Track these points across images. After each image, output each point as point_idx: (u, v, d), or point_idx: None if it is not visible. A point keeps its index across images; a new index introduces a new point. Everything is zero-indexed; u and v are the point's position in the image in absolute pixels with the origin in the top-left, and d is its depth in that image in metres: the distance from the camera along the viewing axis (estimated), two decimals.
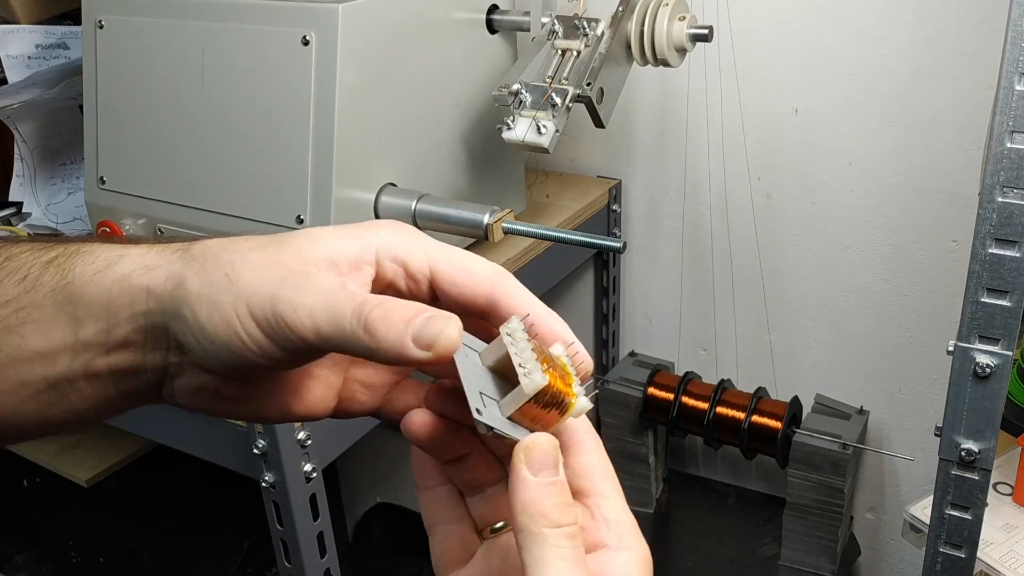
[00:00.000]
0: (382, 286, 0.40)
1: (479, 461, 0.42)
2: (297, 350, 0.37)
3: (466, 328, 0.37)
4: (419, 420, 0.40)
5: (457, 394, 0.38)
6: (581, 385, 0.38)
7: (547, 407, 0.36)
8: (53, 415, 0.42)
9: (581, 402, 0.37)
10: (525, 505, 0.35)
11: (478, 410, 0.35)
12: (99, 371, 0.41)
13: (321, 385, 0.43)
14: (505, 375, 0.38)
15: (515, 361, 0.36)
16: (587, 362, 0.41)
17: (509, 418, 0.36)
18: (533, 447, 0.36)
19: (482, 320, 0.41)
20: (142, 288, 0.39)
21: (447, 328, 0.35)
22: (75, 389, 0.41)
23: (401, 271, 0.40)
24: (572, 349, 0.40)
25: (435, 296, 0.41)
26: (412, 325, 0.35)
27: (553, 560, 0.34)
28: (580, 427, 0.40)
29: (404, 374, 0.45)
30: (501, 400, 0.37)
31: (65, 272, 0.41)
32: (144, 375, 0.41)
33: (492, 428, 0.35)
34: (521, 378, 0.35)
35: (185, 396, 0.42)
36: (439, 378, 0.42)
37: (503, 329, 0.37)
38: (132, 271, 0.40)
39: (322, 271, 0.38)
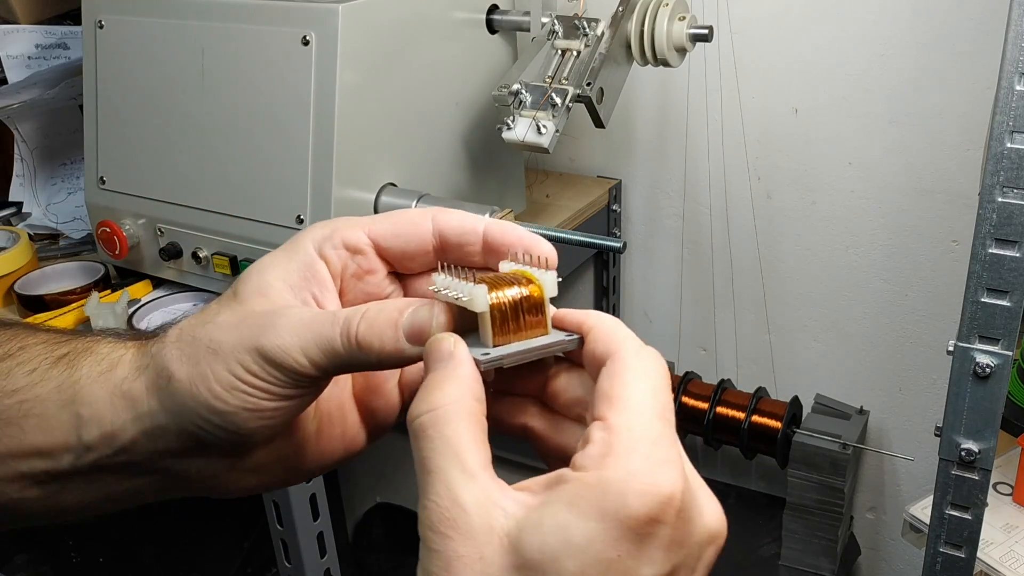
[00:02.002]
0: (340, 276, 0.40)
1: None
2: (302, 384, 0.37)
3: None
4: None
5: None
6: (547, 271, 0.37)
7: (519, 314, 0.35)
8: (59, 504, 0.42)
9: (547, 283, 0.36)
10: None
11: (477, 360, 0.34)
12: (110, 466, 0.41)
13: (338, 420, 0.43)
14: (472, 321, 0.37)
15: (456, 300, 0.35)
16: (545, 253, 0.39)
17: (497, 345, 0.35)
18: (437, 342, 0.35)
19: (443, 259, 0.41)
20: (141, 391, 0.39)
21: (433, 313, 0.36)
22: (85, 480, 0.41)
23: (345, 253, 0.40)
24: (530, 246, 0.39)
25: (386, 263, 0.41)
26: (400, 326, 0.36)
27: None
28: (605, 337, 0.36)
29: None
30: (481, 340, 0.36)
31: (73, 371, 0.41)
32: (158, 472, 0.41)
33: (495, 359, 0.35)
34: (467, 308, 0.35)
35: (207, 481, 0.41)
36: None
37: (431, 288, 0.37)
38: (129, 373, 0.40)
39: (286, 301, 0.38)
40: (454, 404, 0.32)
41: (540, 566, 0.30)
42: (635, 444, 0.31)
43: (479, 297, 0.34)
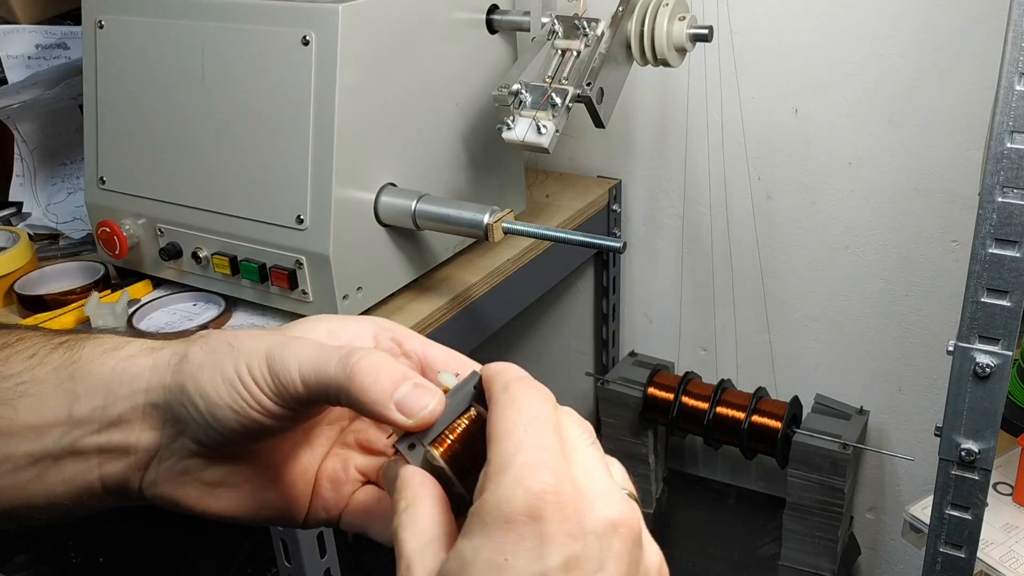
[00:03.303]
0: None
1: None
2: (289, 404, 0.39)
3: None
4: None
5: None
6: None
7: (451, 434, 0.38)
8: (31, 494, 0.42)
9: (444, 381, 0.40)
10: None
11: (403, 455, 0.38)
12: (87, 449, 0.42)
13: (301, 480, 0.45)
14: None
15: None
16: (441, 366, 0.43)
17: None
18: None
19: None
20: (146, 365, 0.41)
21: (432, 403, 0.37)
22: (57, 467, 0.42)
23: (397, 349, 0.43)
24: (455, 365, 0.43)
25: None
26: (400, 389, 0.37)
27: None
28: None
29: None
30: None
31: (73, 352, 0.42)
32: (132, 456, 0.42)
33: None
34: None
35: (168, 483, 0.42)
36: None
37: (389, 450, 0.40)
38: (138, 351, 0.42)
39: (321, 339, 0.41)
40: (416, 500, 0.36)
41: None
42: (505, 462, 0.33)
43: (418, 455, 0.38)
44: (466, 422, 0.38)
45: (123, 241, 0.98)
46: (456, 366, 0.42)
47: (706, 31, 0.96)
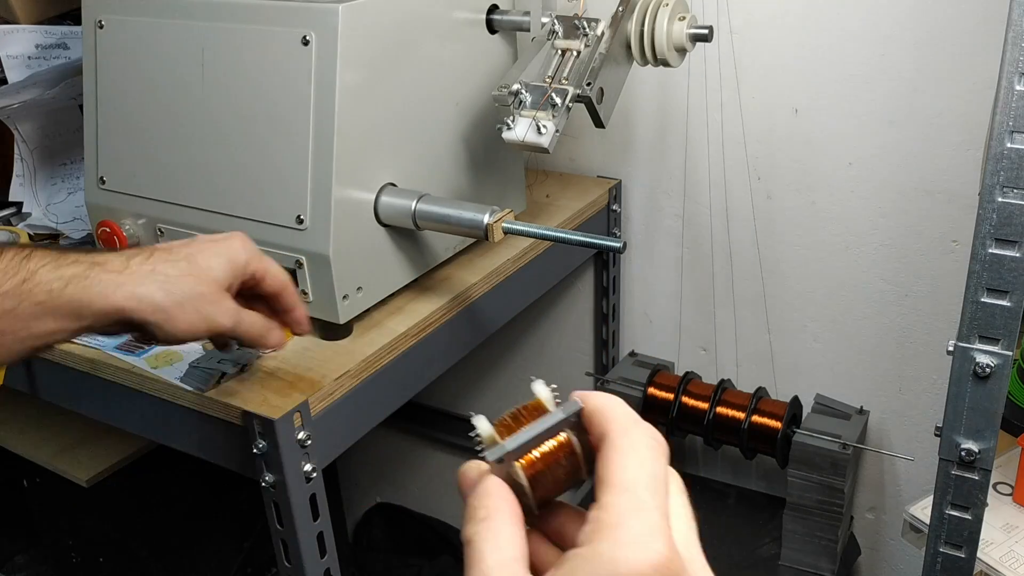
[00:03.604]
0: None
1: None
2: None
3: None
4: None
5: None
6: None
7: (518, 416, 0.39)
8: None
9: (538, 390, 0.40)
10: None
11: (489, 460, 0.39)
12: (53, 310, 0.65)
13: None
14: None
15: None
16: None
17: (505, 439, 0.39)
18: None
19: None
20: (118, 301, 0.66)
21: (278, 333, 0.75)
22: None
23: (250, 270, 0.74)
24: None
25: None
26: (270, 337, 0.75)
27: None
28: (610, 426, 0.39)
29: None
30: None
31: (81, 292, 0.65)
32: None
33: (501, 451, 0.38)
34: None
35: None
36: None
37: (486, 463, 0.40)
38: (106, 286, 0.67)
39: (212, 286, 0.70)
40: (495, 513, 0.37)
41: None
42: (622, 518, 0.34)
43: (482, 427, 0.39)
44: (555, 445, 0.39)
45: (123, 241, 0.98)
46: (279, 275, 0.75)
47: (706, 31, 0.96)
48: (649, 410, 1.27)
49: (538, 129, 0.90)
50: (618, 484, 0.36)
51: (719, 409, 1.23)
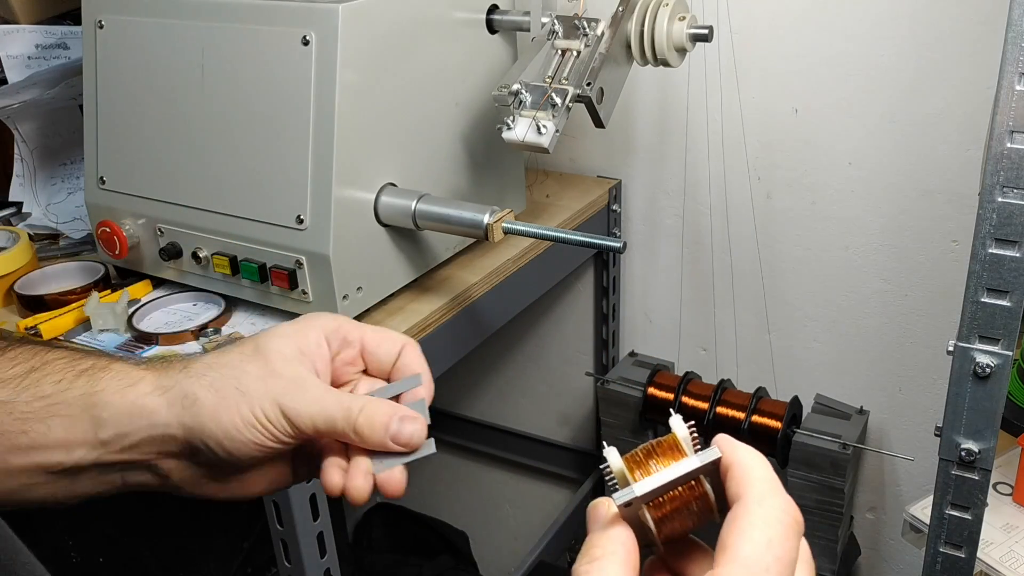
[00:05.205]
0: (336, 356, 0.54)
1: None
2: (299, 438, 0.50)
3: None
4: None
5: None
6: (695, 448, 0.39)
7: (651, 454, 0.39)
8: (58, 496, 0.51)
9: (674, 425, 0.39)
10: None
11: (619, 503, 0.38)
12: (112, 462, 0.51)
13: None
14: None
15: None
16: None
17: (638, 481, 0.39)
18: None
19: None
20: (161, 404, 0.50)
21: (413, 429, 0.50)
22: (85, 474, 0.51)
23: (342, 343, 0.54)
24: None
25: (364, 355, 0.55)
26: (390, 429, 0.50)
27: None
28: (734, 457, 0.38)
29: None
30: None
31: (95, 383, 0.50)
32: (153, 473, 0.52)
33: (628, 495, 0.37)
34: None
35: (188, 487, 0.53)
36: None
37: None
38: (151, 390, 0.50)
39: (299, 369, 0.51)
40: (608, 555, 0.36)
41: None
42: None
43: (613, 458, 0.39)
44: (687, 491, 0.38)
45: (123, 241, 0.98)
46: (385, 340, 0.54)
47: (706, 31, 0.96)
48: (649, 410, 1.27)
49: (538, 129, 0.90)
50: (739, 559, 0.34)
51: (719, 409, 1.23)
